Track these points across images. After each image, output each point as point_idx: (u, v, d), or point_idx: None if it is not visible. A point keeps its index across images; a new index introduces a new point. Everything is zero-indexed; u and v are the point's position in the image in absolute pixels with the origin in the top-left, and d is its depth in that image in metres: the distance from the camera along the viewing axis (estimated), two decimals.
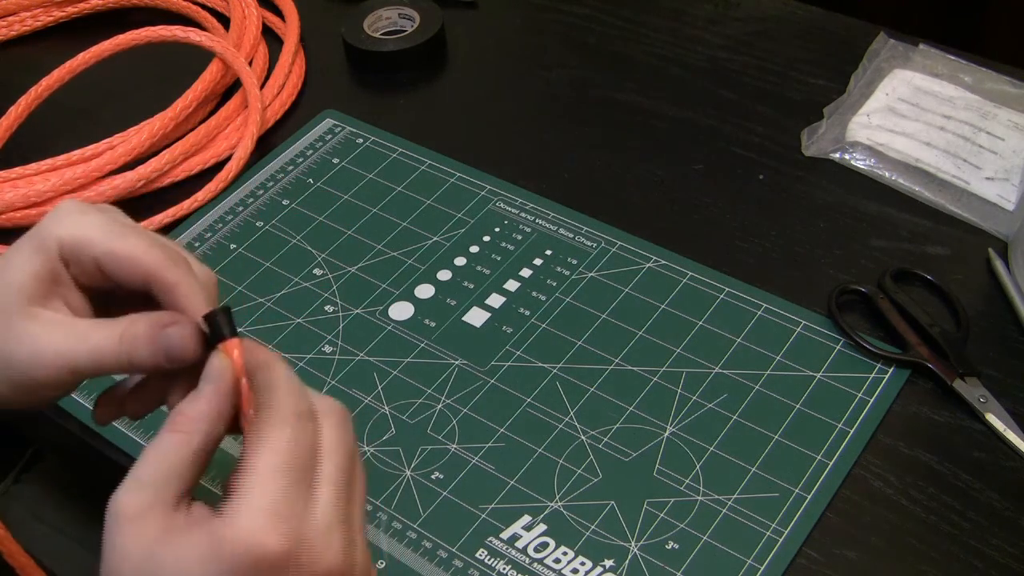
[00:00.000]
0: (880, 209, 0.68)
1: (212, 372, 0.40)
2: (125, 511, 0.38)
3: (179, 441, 0.39)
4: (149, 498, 0.38)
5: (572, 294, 0.64)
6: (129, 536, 0.37)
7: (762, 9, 0.83)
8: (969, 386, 0.57)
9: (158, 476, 0.38)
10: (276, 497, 0.37)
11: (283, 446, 0.38)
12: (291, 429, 0.39)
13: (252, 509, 0.37)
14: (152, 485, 0.38)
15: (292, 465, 0.38)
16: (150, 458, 0.39)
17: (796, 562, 0.51)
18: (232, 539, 0.36)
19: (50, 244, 0.43)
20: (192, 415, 0.39)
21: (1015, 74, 0.74)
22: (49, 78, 0.74)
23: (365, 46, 0.81)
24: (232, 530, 0.37)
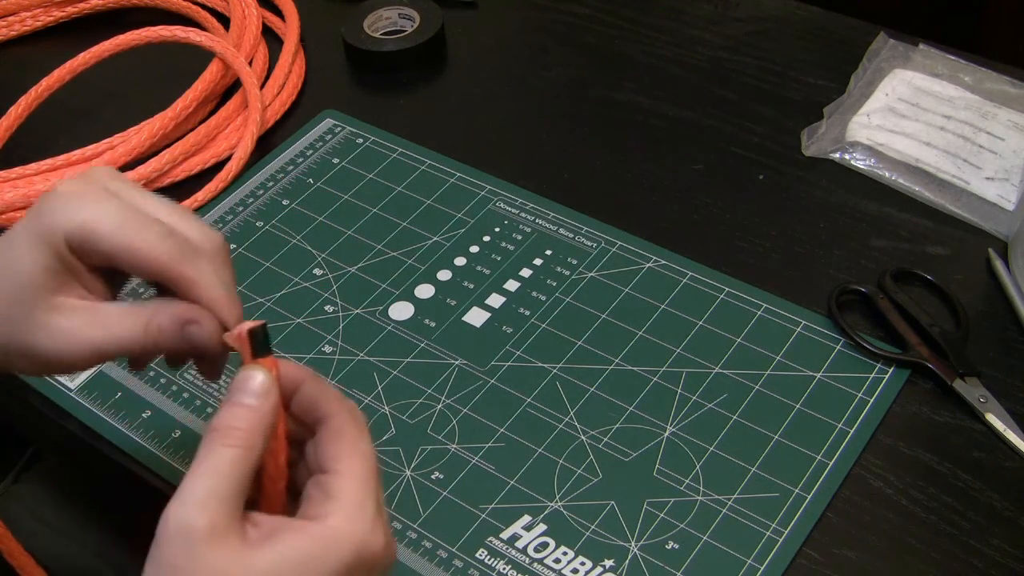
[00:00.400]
0: (880, 209, 0.68)
1: (257, 388, 0.40)
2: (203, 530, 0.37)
3: (241, 456, 0.39)
4: (226, 515, 0.38)
5: (572, 294, 0.64)
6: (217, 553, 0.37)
7: (762, 9, 0.83)
8: (969, 386, 0.57)
9: (228, 492, 0.38)
10: (376, 499, 0.40)
11: (370, 451, 0.41)
12: (369, 438, 0.42)
13: (366, 513, 0.39)
14: (224, 502, 0.38)
15: (377, 469, 0.41)
16: (215, 473, 0.38)
17: (796, 562, 0.51)
18: (354, 538, 0.39)
19: (55, 237, 0.42)
20: (248, 429, 0.39)
21: (1015, 74, 0.74)
22: (49, 78, 0.75)
23: (365, 46, 0.81)
24: (352, 530, 0.39)
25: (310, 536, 0.38)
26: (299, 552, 0.38)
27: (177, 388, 0.61)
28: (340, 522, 0.39)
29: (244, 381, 0.40)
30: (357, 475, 0.40)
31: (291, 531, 0.38)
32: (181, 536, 0.37)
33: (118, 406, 0.60)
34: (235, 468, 0.38)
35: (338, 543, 0.38)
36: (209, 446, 0.39)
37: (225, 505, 0.38)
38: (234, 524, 0.38)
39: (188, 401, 0.60)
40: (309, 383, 0.42)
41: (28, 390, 0.62)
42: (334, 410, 0.41)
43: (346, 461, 0.40)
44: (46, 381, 0.62)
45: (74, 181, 0.44)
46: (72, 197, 0.43)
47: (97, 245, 0.42)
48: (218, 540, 0.37)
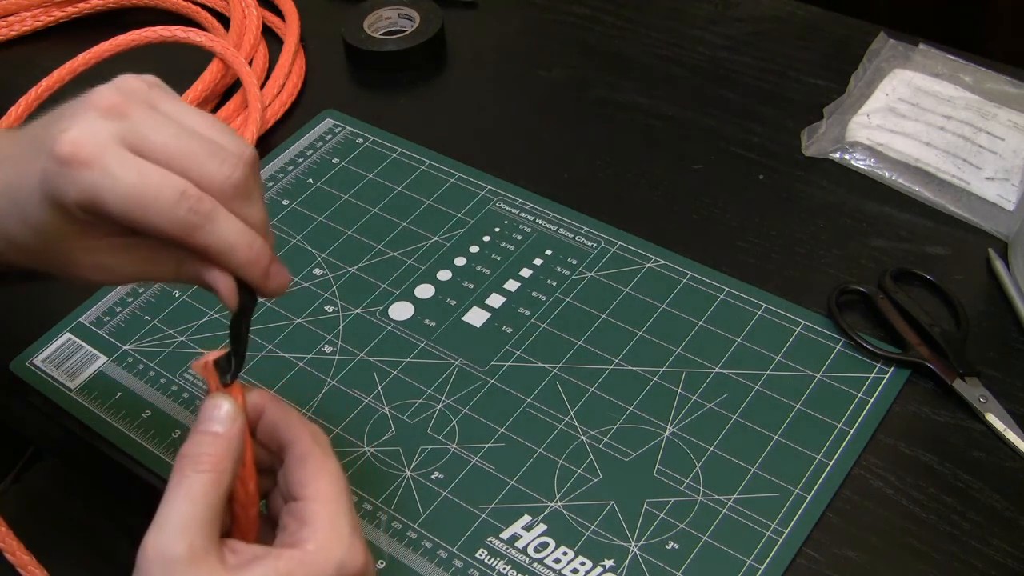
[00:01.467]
0: (880, 209, 0.68)
1: (223, 415, 0.41)
2: (183, 556, 0.37)
3: (212, 481, 0.39)
4: (203, 540, 0.38)
5: (572, 294, 0.64)
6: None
7: (762, 9, 0.83)
8: (969, 386, 0.57)
9: (204, 517, 0.39)
10: (350, 517, 0.41)
11: (336, 471, 0.42)
12: (334, 457, 0.42)
13: (342, 533, 0.40)
14: (202, 527, 0.38)
15: (346, 488, 0.42)
16: (189, 499, 0.39)
17: (796, 562, 0.51)
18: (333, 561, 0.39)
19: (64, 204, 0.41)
20: (218, 455, 0.40)
21: (1015, 74, 0.74)
22: (49, 78, 0.75)
23: (365, 46, 0.81)
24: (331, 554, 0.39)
25: (289, 562, 0.39)
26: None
27: (177, 388, 0.61)
28: (317, 547, 0.39)
29: (211, 409, 0.41)
30: (326, 497, 0.41)
31: (271, 558, 0.39)
32: (161, 563, 0.37)
33: (118, 406, 0.60)
34: (208, 493, 0.39)
35: (317, 568, 0.39)
36: (181, 473, 0.39)
37: (203, 530, 0.38)
38: (212, 549, 0.38)
39: (188, 401, 0.60)
40: (271, 409, 0.43)
41: (28, 390, 0.62)
42: (296, 435, 0.42)
43: (313, 485, 0.41)
44: (46, 381, 0.62)
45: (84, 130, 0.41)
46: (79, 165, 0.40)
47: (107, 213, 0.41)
48: (198, 565, 0.37)
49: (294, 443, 0.42)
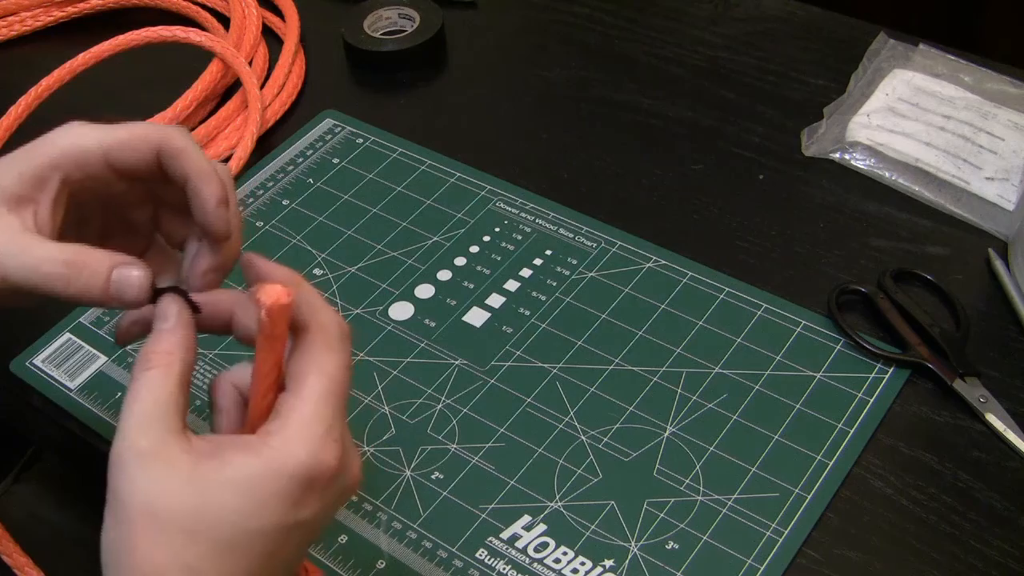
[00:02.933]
0: (880, 209, 0.68)
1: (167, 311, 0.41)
2: (142, 448, 0.37)
3: (160, 374, 0.39)
4: (160, 431, 0.38)
5: (572, 294, 0.64)
6: (157, 470, 0.37)
7: (762, 9, 0.83)
8: (969, 386, 0.57)
9: (156, 409, 0.38)
10: (330, 421, 0.39)
11: (334, 371, 0.40)
12: (340, 354, 0.40)
13: (312, 433, 0.38)
14: (156, 419, 0.38)
15: (341, 389, 0.40)
16: (139, 396, 0.38)
17: (796, 562, 0.51)
18: (295, 459, 0.38)
19: (46, 148, 0.43)
20: (162, 349, 0.40)
21: (1015, 74, 0.74)
22: (49, 78, 0.75)
23: (365, 46, 0.81)
24: (294, 451, 0.38)
25: (252, 453, 0.38)
26: (240, 469, 0.38)
27: None
28: (281, 442, 0.38)
29: (161, 310, 0.41)
30: (309, 393, 0.39)
31: (235, 448, 0.38)
32: (122, 459, 0.37)
33: (118, 406, 0.60)
34: (157, 387, 0.38)
35: (278, 463, 0.38)
36: (133, 377, 0.39)
37: (156, 423, 0.38)
38: (169, 440, 0.38)
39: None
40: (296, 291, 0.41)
41: (28, 390, 0.62)
42: (305, 323, 0.41)
43: (303, 378, 0.40)
44: (46, 381, 0.62)
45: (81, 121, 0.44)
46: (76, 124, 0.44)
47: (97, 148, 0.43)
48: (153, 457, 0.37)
49: (303, 331, 0.41)
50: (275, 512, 0.38)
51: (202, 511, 0.37)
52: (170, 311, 0.41)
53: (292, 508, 0.38)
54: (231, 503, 0.37)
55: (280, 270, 0.42)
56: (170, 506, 0.37)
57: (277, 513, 0.38)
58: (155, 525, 0.37)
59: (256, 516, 0.37)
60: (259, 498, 0.37)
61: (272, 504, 0.38)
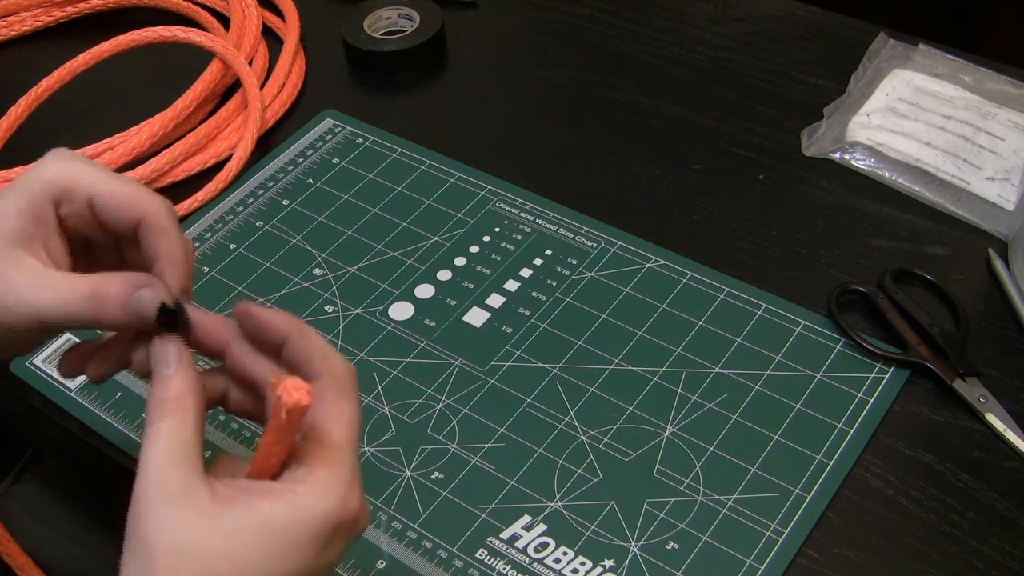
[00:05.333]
0: (880, 209, 0.68)
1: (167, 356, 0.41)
2: (169, 491, 0.37)
3: (177, 422, 0.39)
4: (186, 475, 0.38)
5: (572, 294, 0.64)
6: (185, 513, 0.37)
7: (762, 9, 0.83)
8: (969, 386, 0.57)
9: (179, 453, 0.38)
10: (353, 467, 0.40)
11: (353, 418, 0.41)
12: (352, 401, 0.41)
13: (340, 481, 0.39)
14: (180, 463, 0.38)
15: (357, 435, 0.41)
16: (160, 439, 0.39)
17: (796, 562, 0.51)
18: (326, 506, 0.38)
19: (38, 185, 0.43)
20: (175, 395, 0.40)
21: (1015, 74, 0.74)
22: (49, 78, 0.75)
23: (365, 46, 0.81)
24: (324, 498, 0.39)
25: (278, 500, 0.38)
26: (266, 516, 0.38)
27: None
28: (307, 490, 0.39)
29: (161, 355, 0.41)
30: (330, 441, 0.40)
31: (261, 494, 0.38)
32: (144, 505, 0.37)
33: (118, 406, 0.60)
34: (178, 433, 0.39)
35: (306, 511, 0.38)
36: (149, 424, 0.39)
37: (179, 465, 0.38)
38: (194, 481, 0.38)
39: None
40: (295, 339, 0.42)
41: (28, 390, 0.62)
42: (317, 372, 0.41)
43: (323, 426, 0.40)
44: (46, 381, 0.62)
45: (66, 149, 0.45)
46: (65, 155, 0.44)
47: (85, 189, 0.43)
48: (179, 500, 0.37)
49: (314, 378, 0.41)
50: (303, 557, 0.38)
51: (230, 555, 0.37)
52: (170, 356, 0.41)
53: (319, 553, 0.39)
54: (260, 547, 0.37)
55: (280, 318, 0.42)
56: (199, 550, 0.37)
57: (305, 558, 0.38)
58: (183, 569, 0.37)
59: (284, 561, 0.38)
60: (288, 543, 0.38)
61: (300, 549, 0.38)
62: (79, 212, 0.44)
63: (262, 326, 0.42)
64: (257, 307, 0.43)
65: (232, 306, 0.65)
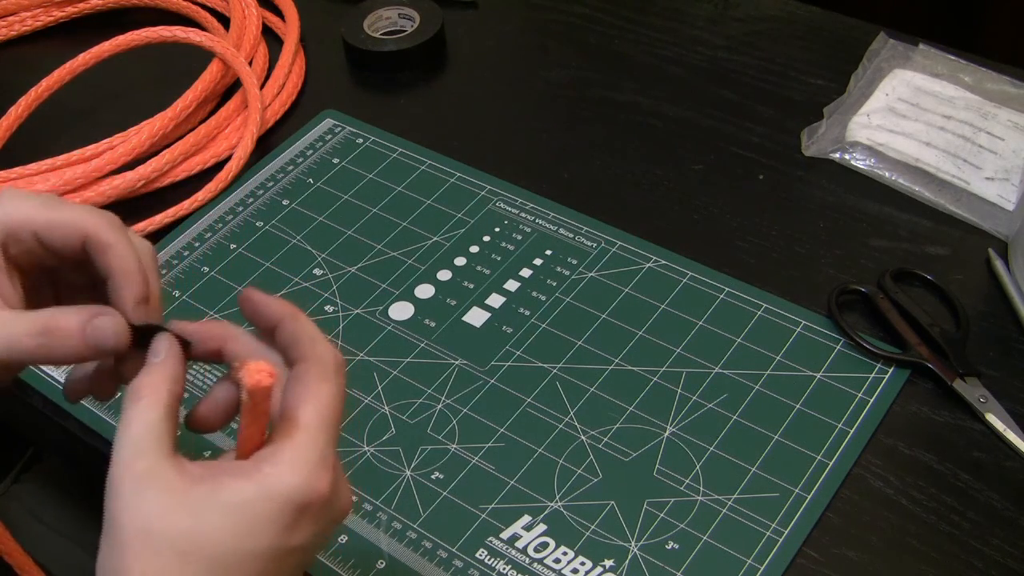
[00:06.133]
0: (880, 209, 0.68)
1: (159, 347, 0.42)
2: (136, 472, 0.38)
3: (148, 404, 0.40)
4: (154, 456, 0.38)
5: (572, 294, 0.64)
6: (151, 493, 0.38)
7: (762, 9, 0.83)
8: (969, 386, 0.57)
9: (148, 436, 0.39)
10: (324, 449, 0.40)
11: (329, 401, 0.41)
12: (334, 385, 0.41)
13: (306, 460, 0.39)
14: (147, 444, 0.39)
15: (334, 419, 0.41)
16: (130, 424, 0.39)
17: (796, 562, 0.51)
18: (288, 485, 0.39)
19: None
20: (149, 382, 0.40)
21: (1015, 74, 0.74)
22: (49, 78, 0.74)
23: (365, 46, 0.81)
24: (288, 477, 0.39)
25: (245, 479, 0.39)
26: (233, 493, 0.38)
27: None
28: (274, 468, 0.39)
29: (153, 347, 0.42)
30: (304, 423, 0.40)
31: (229, 473, 0.39)
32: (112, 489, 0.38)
33: (118, 406, 0.60)
34: (146, 415, 0.39)
35: (271, 489, 0.39)
36: (123, 410, 0.40)
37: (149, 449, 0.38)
38: (162, 463, 0.38)
39: (188, 402, 0.60)
40: (287, 323, 0.42)
41: (28, 390, 0.62)
42: (302, 355, 0.42)
43: (296, 408, 0.40)
44: (46, 381, 0.62)
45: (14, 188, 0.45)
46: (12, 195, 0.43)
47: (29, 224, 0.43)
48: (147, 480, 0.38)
49: (298, 362, 0.42)
50: (267, 535, 0.38)
51: (195, 532, 0.37)
52: (161, 347, 0.42)
53: (285, 532, 0.39)
54: (224, 525, 0.38)
55: (276, 303, 0.43)
56: (164, 528, 0.37)
57: (269, 536, 0.38)
58: (149, 547, 0.37)
59: (249, 538, 0.38)
60: (252, 521, 0.38)
61: (265, 527, 0.38)
62: (30, 249, 0.43)
63: (258, 309, 0.43)
64: (257, 292, 0.43)
65: (232, 307, 0.65)
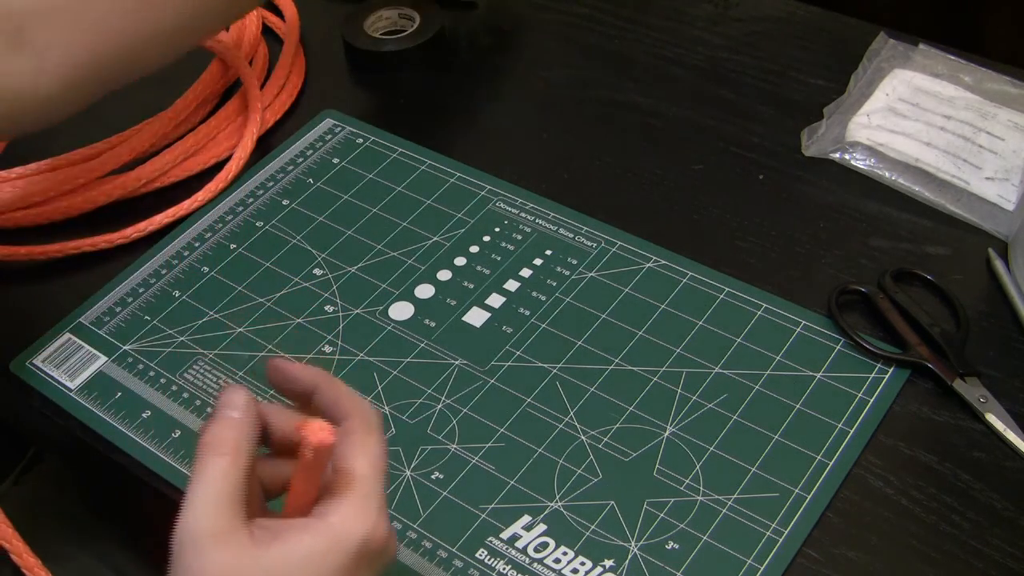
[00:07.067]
0: (880, 209, 0.68)
1: (240, 403, 0.43)
2: (213, 531, 0.39)
3: (230, 463, 0.41)
4: (233, 516, 0.40)
5: (572, 294, 0.64)
6: (231, 551, 0.39)
7: (762, 9, 0.83)
8: (969, 386, 0.57)
9: (228, 496, 0.40)
10: (381, 498, 0.43)
11: (378, 452, 0.43)
12: (379, 437, 0.44)
13: (369, 509, 0.42)
14: (228, 505, 0.40)
15: (385, 469, 0.44)
16: (213, 481, 0.41)
17: (796, 562, 0.51)
18: (356, 534, 0.41)
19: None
20: (235, 438, 0.42)
21: (1015, 74, 0.74)
22: None
23: (365, 46, 0.81)
24: (355, 526, 0.41)
25: (314, 533, 0.41)
26: (304, 548, 0.40)
27: (177, 388, 0.61)
28: (342, 519, 0.41)
29: (229, 398, 0.43)
30: (360, 473, 0.42)
31: (296, 530, 0.41)
32: (190, 542, 0.39)
33: (118, 406, 0.60)
34: (229, 474, 0.41)
35: (340, 539, 0.41)
36: (203, 459, 0.41)
37: (227, 508, 0.40)
38: (238, 525, 0.40)
39: (188, 401, 0.60)
40: (323, 388, 0.45)
41: (28, 390, 0.62)
42: (347, 412, 0.44)
43: (351, 460, 0.43)
44: (46, 381, 0.62)
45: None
46: None
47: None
48: (225, 540, 0.39)
49: (343, 420, 0.44)
50: None
51: None
52: (238, 401, 0.43)
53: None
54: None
55: (309, 369, 0.45)
56: None
57: None
58: None
59: None
60: (325, 572, 0.40)
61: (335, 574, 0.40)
62: None
63: (291, 377, 0.45)
64: (285, 361, 0.46)
65: (232, 307, 0.65)
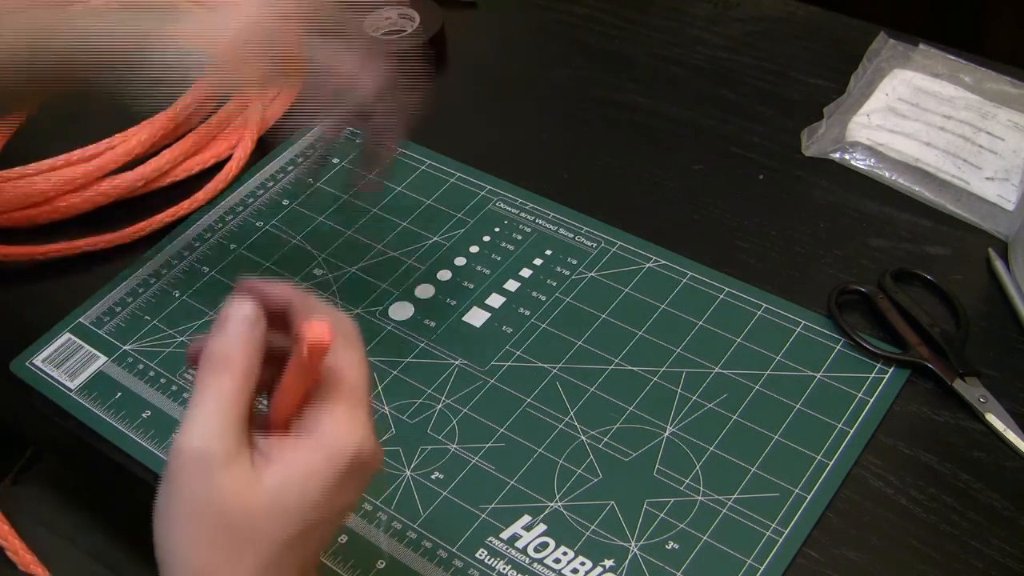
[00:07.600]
0: (880, 209, 0.68)
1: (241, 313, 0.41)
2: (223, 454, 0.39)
3: (241, 384, 0.40)
4: (236, 440, 0.39)
5: (572, 294, 0.64)
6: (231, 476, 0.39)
7: (762, 9, 0.83)
8: (969, 386, 0.57)
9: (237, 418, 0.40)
10: (368, 407, 0.42)
11: (357, 360, 0.42)
12: (360, 350, 0.43)
13: (361, 419, 0.41)
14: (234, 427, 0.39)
15: (366, 377, 0.42)
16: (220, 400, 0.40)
17: (796, 562, 0.51)
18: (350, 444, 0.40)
19: None
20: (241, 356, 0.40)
21: (1015, 74, 0.74)
22: None
23: None
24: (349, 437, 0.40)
25: (308, 449, 0.40)
26: (301, 466, 0.40)
27: (177, 388, 0.61)
28: (333, 433, 0.40)
29: (237, 309, 0.41)
30: (348, 383, 0.41)
31: (290, 448, 0.40)
32: (199, 464, 0.39)
33: (118, 406, 0.60)
34: (238, 395, 0.40)
35: (334, 454, 0.40)
36: (212, 375, 0.40)
37: (236, 431, 0.39)
38: (243, 449, 0.39)
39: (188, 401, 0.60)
40: (297, 304, 0.43)
41: (28, 390, 0.62)
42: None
43: (339, 373, 0.42)
44: (46, 381, 0.62)
45: None
46: None
47: None
48: (232, 464, 0.39)
49: None
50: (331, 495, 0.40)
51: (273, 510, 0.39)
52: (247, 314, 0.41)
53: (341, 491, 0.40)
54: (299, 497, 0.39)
55: (279, 287, 0.43)
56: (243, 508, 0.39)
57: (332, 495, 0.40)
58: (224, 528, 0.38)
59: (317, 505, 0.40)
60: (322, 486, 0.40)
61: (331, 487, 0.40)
62: None
63: (264, 296, 0.43)
64: (255, 281, 0.43)
65: None
